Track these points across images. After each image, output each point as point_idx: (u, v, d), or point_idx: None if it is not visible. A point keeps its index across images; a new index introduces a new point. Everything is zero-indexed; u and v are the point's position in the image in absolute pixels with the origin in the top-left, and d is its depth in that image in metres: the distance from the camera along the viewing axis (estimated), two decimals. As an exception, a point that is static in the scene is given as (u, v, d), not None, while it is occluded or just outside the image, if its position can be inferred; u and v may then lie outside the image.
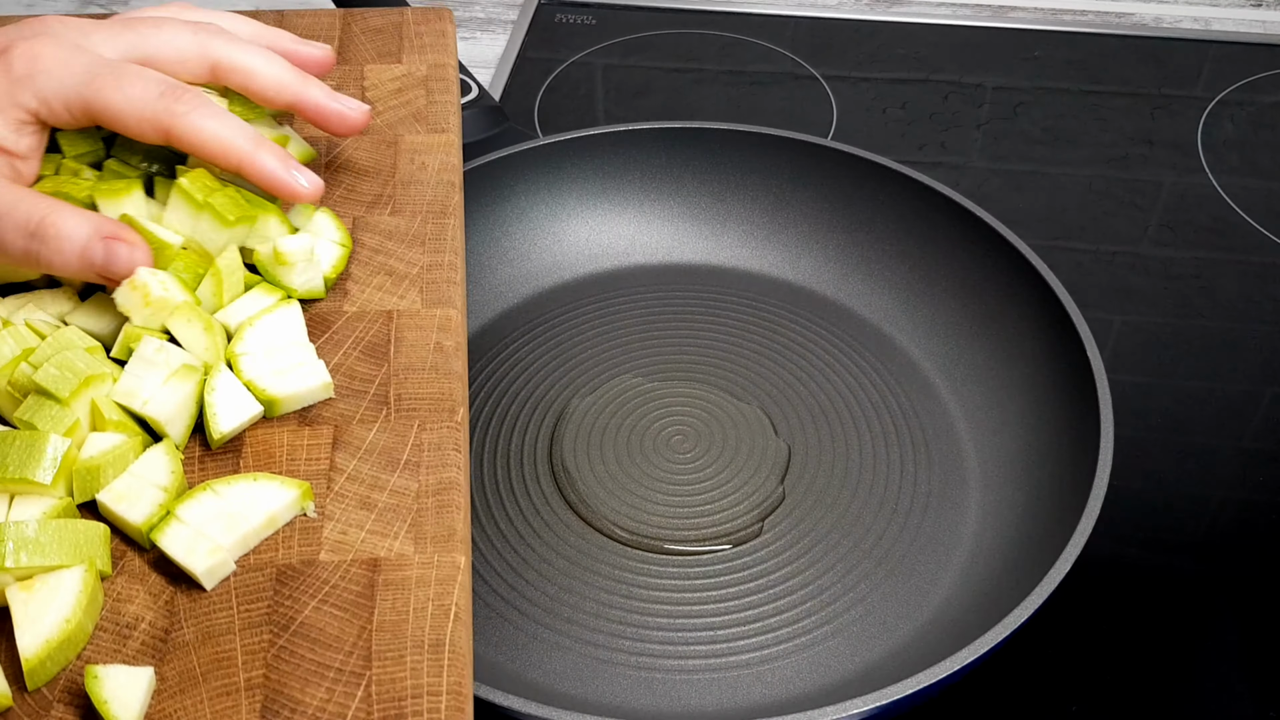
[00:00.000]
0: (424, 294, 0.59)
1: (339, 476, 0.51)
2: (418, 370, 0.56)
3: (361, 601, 0.47)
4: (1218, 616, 0.65)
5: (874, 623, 0.63)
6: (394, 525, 0.49)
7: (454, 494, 0.51)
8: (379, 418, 0.53)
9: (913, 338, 0.77)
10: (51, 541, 0.45)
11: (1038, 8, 1.13)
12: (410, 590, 0.47)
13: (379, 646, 0.45)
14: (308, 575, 0.47)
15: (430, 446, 0.52)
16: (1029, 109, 1.01)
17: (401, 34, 0.74)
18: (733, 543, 0.66)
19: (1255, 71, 1.05)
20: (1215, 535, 0.70)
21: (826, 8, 1.12)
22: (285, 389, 0.52)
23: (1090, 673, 0.63)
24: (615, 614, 0.63)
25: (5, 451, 0.46)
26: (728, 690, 0.60)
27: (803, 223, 0.81)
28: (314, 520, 0.49)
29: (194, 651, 0.45)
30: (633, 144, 0.81)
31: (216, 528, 0.47)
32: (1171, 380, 0.79)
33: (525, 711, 0.52)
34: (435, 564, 0.48)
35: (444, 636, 0.46)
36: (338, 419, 0.53)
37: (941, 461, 0.70)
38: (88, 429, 0.50)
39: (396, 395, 0.54)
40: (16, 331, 0.50)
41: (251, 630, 0.46)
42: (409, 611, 0.46)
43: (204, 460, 0.51)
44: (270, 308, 0.55)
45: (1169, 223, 0.90)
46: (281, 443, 0.52)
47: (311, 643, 0.45)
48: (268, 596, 0.47)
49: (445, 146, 0.67)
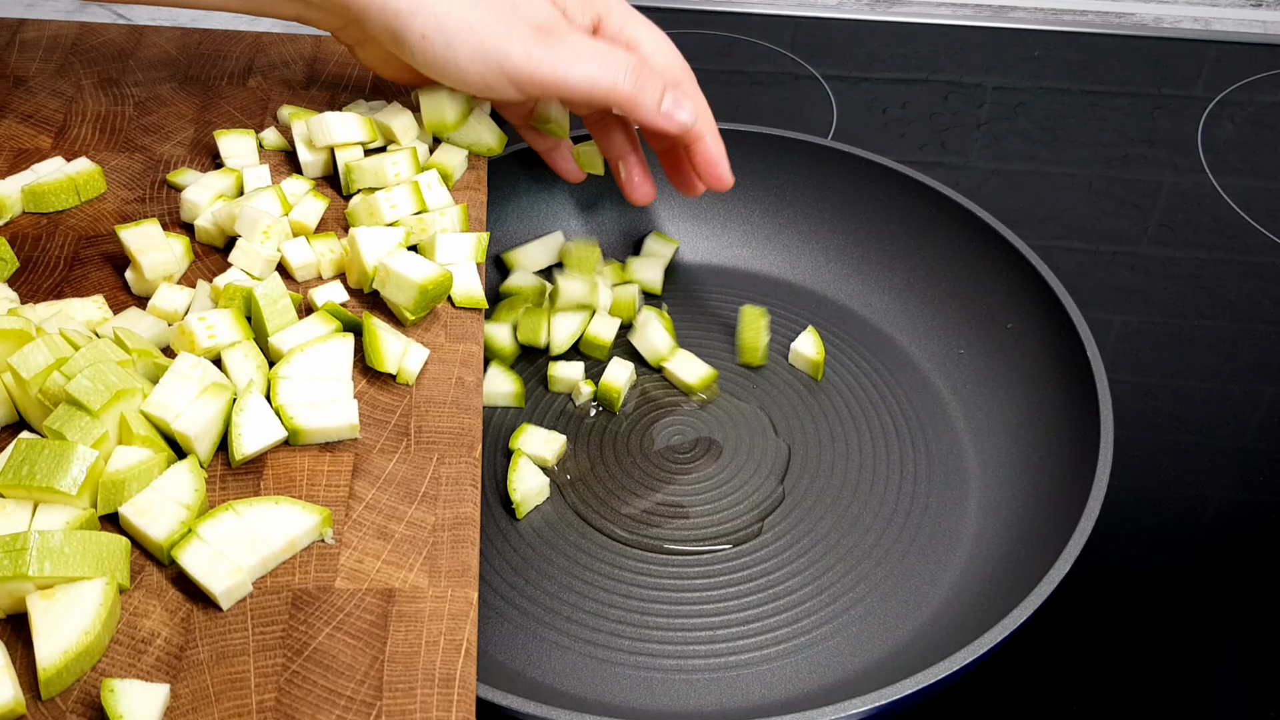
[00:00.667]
0: (448, 329, 0.59)
1: (357, 505, 0.51)
2: (439, 404, 0.56)
3: (375, 631, 0.47)
4: (1218, 616, 0.65)
5: (874, 623, 0.63)
6: (409, 557, 0.50)
7: (469, 529, 0.51)
8: (399, 448, 0.54)
9: (913, 338, 0.77)
10: (75, 553, 0.45)
11: (1038, 8, 1.13)
12: (423, 623, 0.47)
13: (390, 677, 0.45)
14: (323, 601, 0.48)
15: (448, 480, 0.53)
16: (1029, 109, 1.01)
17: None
18: (733, 543, 0.66)
19: (1255, 71, 1.05)
20: (1215, 535, 0.70)
21: (826, 8, 1.12)
22: (312, 422, 0.52)
23: (1090, 673, 0.63)
24: (615, 614, 0.63)
25: (34, 460, 0.46)
26: (728, 690, 0.60)
27: (803, 223, 0.81)
28: (331, 547, 0.49)
29: (208, 671, 0.45)
30: (633, 144, 0.81)
31: (237, 548, 0.47)
32: (1171, 380, 0.79)
33: (525, 711, 0.52)
34: (449, 598, 0.48)
35: (454, 671, 0.46)
36: (359, 447, 0.53)
37: (941, 461, 0.70)
38: (115, 442, 0.50)
39: (417, 427, 0.55)
40: (51, 340, 0.50)
41: (266, 653, 0.46)
42: (421, 644, 0.46)
43: (225, 478, 0.51)
44: (324, 337, 0.55)
45: (1169, 223, 0.90)
46: (303, 467, 0.52)
47: (324, 669, 0.45)
48: (283, 620, 0.47)
49: (475, 182, 0.68)
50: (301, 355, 0.54)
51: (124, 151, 0.68)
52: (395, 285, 0.57)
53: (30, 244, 0.62)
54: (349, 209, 0.64)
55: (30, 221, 0.63)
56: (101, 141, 0.68)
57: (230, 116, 0.70)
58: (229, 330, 0.55)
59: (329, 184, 0.67)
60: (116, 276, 0.60)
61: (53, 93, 0.71)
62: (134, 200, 0.65)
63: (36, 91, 0.71)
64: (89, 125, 0.69)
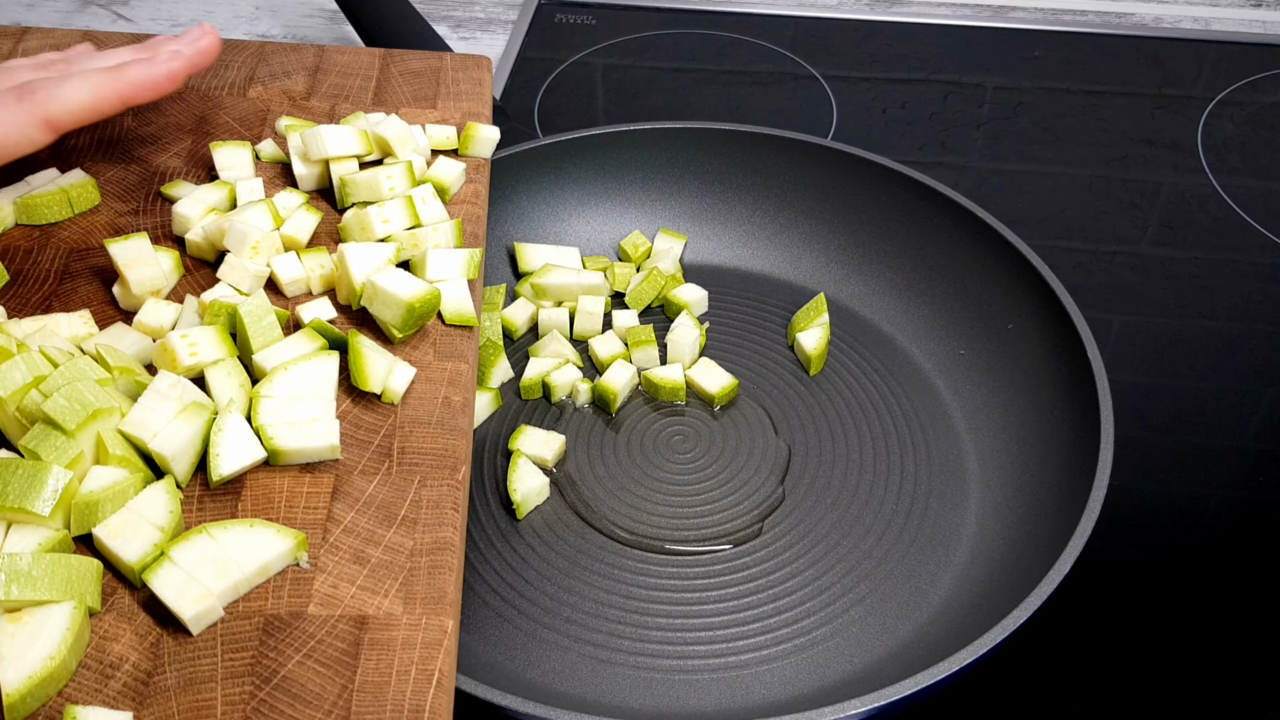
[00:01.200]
0: (436, 347, 0.59)
1: (335, 528, 0.50)
2: (423, 424, 0.55)
3: (345, 659, 0.46)
4: (1218, 616, 0.65)
5: (874, 623, 0.63)
6: (385, 583, 0.49)
7: (448, 555, 0.50)
8: (380, 470, 0.53)
9: (913, 338, 0.77)
10: (44, 576, 0.44)
11: (1038, 8, 1.13)
12: (395, 652, 0.46)
13: (358, 707, 0.45)
14: (295, 628, 0.47)
15: (429, 504, 0.52)
16: (1029, 109, 1.01)
17: (439, 79, 0.74)
18: (733, 543, 0.66)
19: (1255, 71, 1.05)
20: (1215, 535, 0.70)
21: (826, 8, 1.12)
22: (293, 443, 0.52)
23: (1090, 673, 0.63)
24: (615, 614, 0.63)
25: (6, 480, 0.46)
26: (728, 690, 0.60)
27: (803, 223, 0.81)
28: (306, 571, 0.49)
29: (175, 698, 0.44)
30: (633, 144, 0.81)
31: (208, 573, 0.47)
32: (1171, 380, 0.79)
33: (525, 711, 0.52)
34: (422, 626, 0.47)
35: (424, 703, 0.45)
36: (339, 468, 0.53)
37: (941, 461, 0.70)
38: (91, 462, 0.49)
39: (400, 448, 0.54)
40: (30, 357, 0.50)
41: (234, 680, 0.45)
42: (392, 674, 0.46)
43: (203, 499, 0.51)
44: (308, 355, 0.55)
45: (1169, 223, 0.90)
46: (282, 488, 0.52)
47: (292, 698, 0.45)
48: (253, 647, 0.46)
49: (473, 197, 0.67)
50: (285, 373, 0.54)
51: (120, 162, 0.67)
52: (383, 302, 0.57)
53: (21, 257, 0.61)
54: (341, 223, 0.63)
55: (23, 234, 0.63)
56: (98, 152, 0.68)
57: (229, 127, 0.70)
58: (212, 348, 0.54)
59: (324, 198, 0.67)
60: (106, 291, 0.60)
61: None
62: (128, 212, 0.64)
63: None
64: (86, 134, 0.69)
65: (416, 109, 0.72)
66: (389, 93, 0.73)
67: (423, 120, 0.71)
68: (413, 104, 0.72)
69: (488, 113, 0.72)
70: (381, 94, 0.73)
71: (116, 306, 0.59)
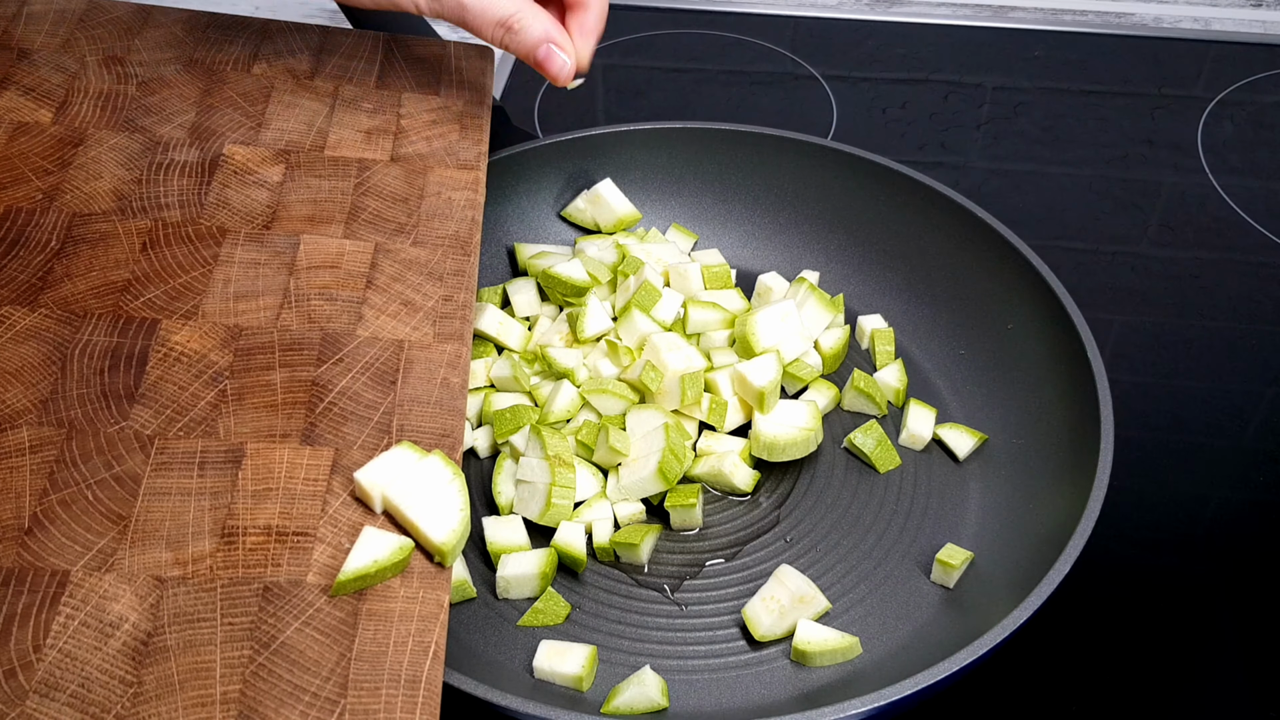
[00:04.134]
0: (436, 327, 0.59)
1: (334, 500, 0.51)
2: (422, 403, 0.56)
3: (344, 629, 0.47)
4: (1218, 616, 0.65)
5: (874, 622, 0.63)
6: None
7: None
8: (379, 446, 0.54)
9: (913, 338, 0.77)
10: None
11: (1038, 8, 1.13)
12: (393, 623, 0.47)
13: (356, 676, 0.45)
14: (294, 596, 0.47)
15: None
16: (1029, 109, 1.01)
17: (442, 67, 0.74)
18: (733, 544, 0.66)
19: (1255, 71, 1.05)
20: (1215, 535, 0.70)
21: (826, 8, 1.12)
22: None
23: (1090, 673, 0.63)
24: (615, 614, 0.63)
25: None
26: (728, 690, 0.60)
27: (803, 223, 0.81)
28: (306, 540, 0.49)
29: (174, 658, 0.45)
30: (633, 144, 0.81)
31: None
32: (1171, 380, 0.79)
33: (525, 711, 0.52)
34: (420, 599, 0.48)
35: (420, 674, 0.46)
36: (339, 443, 0.53)
37: (941, 461, 0.70)
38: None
39: (399, 425, 0.55)
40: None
41: (233, 644, 0.46)
42: (389, 644, 0.46)
43: (204, 466, 0.52)
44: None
45: (1169, 223, 0.90)
46: (282, 459, 0.52)
47: (290, 664, 0.45)
48: (253, 612, 0.47)
49: (473, 184, 0.67)
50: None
51: (124, 130, 0.67)
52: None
53: (24, 218, 0.61)
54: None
55: (25, 194, 0.62)
56: (102, 119, 0.68)
57: (232, 101, 0.70)
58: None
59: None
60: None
61: (56, 67, 0.70)
62: (131, 181, 0.64)
63: (40, 65, 0.70)
64: (90, 102, 0.69)
65: (420, 94, 0.72)
66: (392, 78, 0.73)
67: (426, 105, 0.72)
68: (416, 90, 0.72)
69: (489, 103, 0.73)
70: (385, 79, 0.73)
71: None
